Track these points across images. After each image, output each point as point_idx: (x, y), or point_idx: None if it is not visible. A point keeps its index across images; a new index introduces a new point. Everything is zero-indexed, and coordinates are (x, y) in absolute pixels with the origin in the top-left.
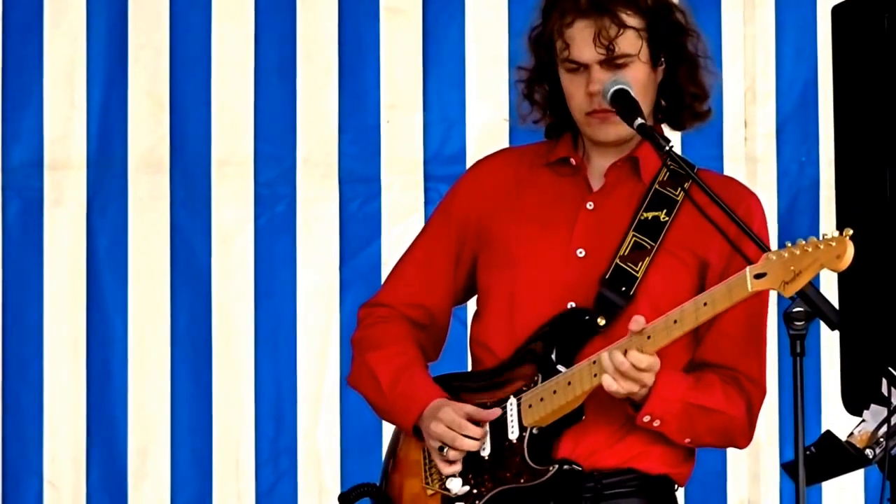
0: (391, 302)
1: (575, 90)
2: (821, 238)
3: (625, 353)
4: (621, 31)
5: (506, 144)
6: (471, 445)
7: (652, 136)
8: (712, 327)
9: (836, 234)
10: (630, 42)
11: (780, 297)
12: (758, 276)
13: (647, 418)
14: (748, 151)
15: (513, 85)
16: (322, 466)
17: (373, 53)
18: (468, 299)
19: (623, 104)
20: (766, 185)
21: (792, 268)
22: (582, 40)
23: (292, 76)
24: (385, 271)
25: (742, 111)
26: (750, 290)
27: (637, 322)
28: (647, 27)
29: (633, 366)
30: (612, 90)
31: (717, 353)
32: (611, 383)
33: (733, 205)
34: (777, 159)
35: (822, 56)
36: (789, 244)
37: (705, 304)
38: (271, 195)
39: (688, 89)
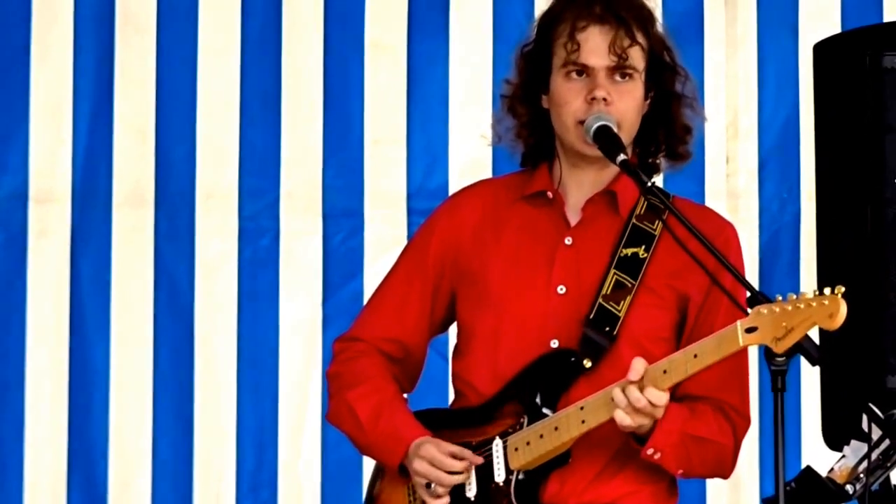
0: (366, 336)
1: (573, 96)
2: (812, 294)
3: (640, 389)
4: (633, 44)
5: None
6: (455, 481)
7: (634, 172)
8: None
9: (828, 291)
10: (637, 57)
11: None
12: (749, 330)
13: (650, 451)
14: (730, 187)
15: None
16: (303, 499)
17: (357, 88)
18: (444, 331)
19: (605, 140)
20: (748, 221)
21: (784, 324)
22: (595, 45)
23: (277, 110)
24: None
25: (724, 147)
26: (741, 344)
27: (636, 371)
28: (648, 51)
29: (651, 402)
30: (594, 126)
31: (701, 385)
32: (624, 418)
33: (711, 236)
34: (759, 195)
35: (804, 93)
36: (780, 298)
37: (695, 356)
38: (255, 228)
39: (667, 127)
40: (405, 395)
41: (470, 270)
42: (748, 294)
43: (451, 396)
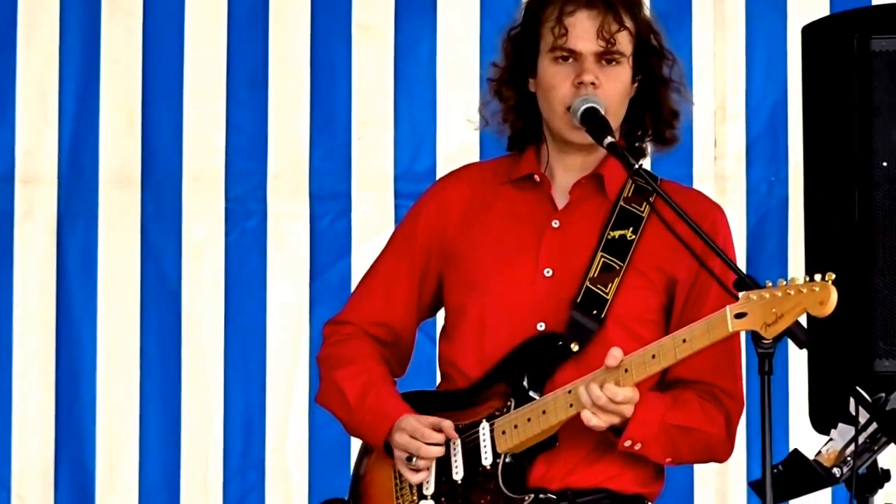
0: (355, 320)
1: (560, 81)
2: (802, 280)
3: (601, 386)
4: (621, 29)
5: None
6: (435, 452)
7: (622, 154)
8: None
9: (818, 277)
10: (625, 42)
11: None
12: (738, 316)
13: (627, 443)
14: (718, 170)
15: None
16: (290, 480)
17: (344, 70)
18: (433, 315)
19: (592, 123)
20: (735, 204)
21: (774, 310)
22: (583, 30)
23: (264, 92)
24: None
25: (712, 130)
26: (730, 329)
27: (614, 357)
28: (636, 35)
29: (611, 399)
30: (581, 108)
31: (692, 369)
32: (590, 417)
33: (699, 219)
34: (746, 178)
35: (792, 76)
36: (770, 284)
37: (684, 340)
38: (242, 210)
39: (653, 113)
40: (395, 379)
41: (457, 254)
42: (736, 277)
43: (438, 379)
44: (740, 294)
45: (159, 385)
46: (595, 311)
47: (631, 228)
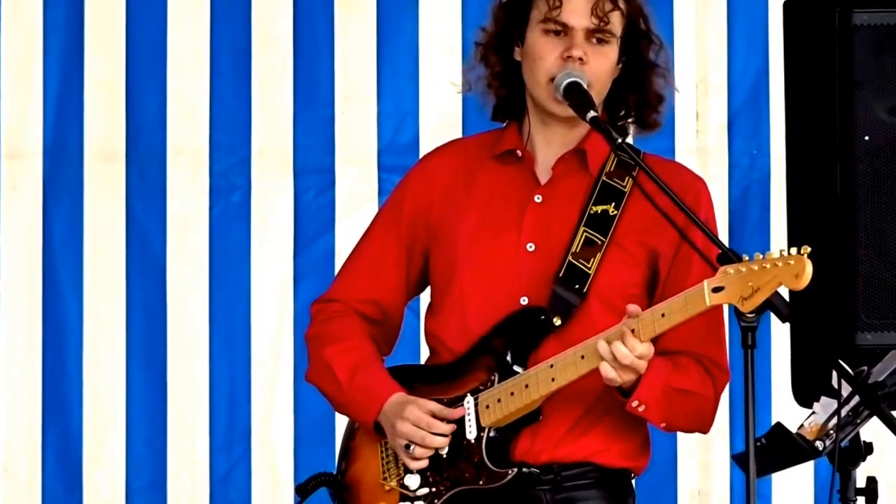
0: (343, 298)
1: (548, 52)
2: (778, 253)
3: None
4: (615, 9)
5: (459, 135)
6: (440, 443)
7: (605, 128)
8: None
9: (794, 251)
10: (616, 22)
11: None
12: (715, 290)
13: (635, 404)
14: (700, 144)
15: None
16: (276, 455)
17: (327, 45)
18: (420, 292)
19: (575, 97)
20: (718, 178)
21: (750, 284)
22: (578, 5)
23: (247, 67)
24: (339, 261)
25: (694, 103)
26: (708, 304)
27: (635, 308)
28: (627, 17)
29: (639, 356)
30: (565, 82)
31: (678, 340)
32: (609, 371)
33: (681, 192)
34: (728, 152)
35: (774, 50)
36: (746, 258)
37: (663, 315)
38: (226, 185)
39: (635, 95)
40: (383, 358)
41: (441, 229)
42: (719, 251)
43: (424, 354)
44: (721, 266)
45: (145, 359)
46: (577, 286)
47: (613, 203)
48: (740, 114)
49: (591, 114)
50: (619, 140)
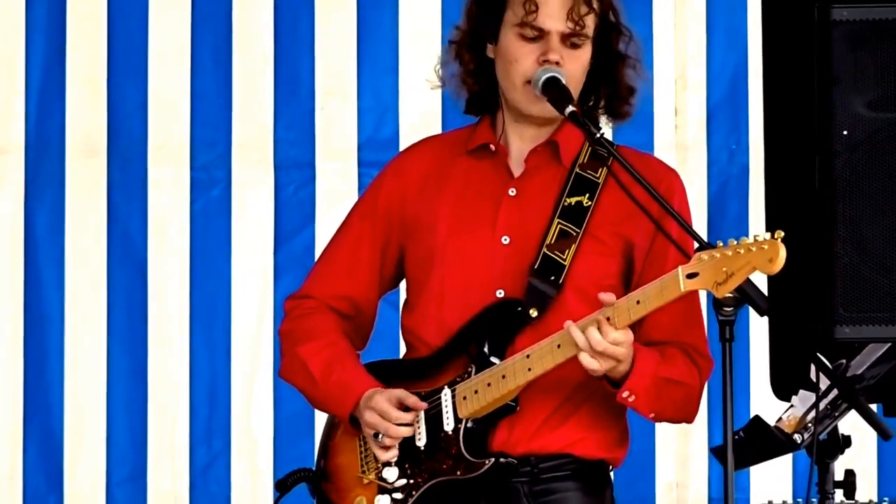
0: (317, 294)
1: (524, 56)
2: (752, 239)
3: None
4: (589, 11)
5: (439, 130)
6: (404, 432)
7: (583, 122)
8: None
9: (768, 236)
10: (591, 24)
11: None
12: (690, 276)
13: (625, 394)
14: (679, 139)
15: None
16: (255, 448)
17: (307, 40)
18: (394, 287)
19: (554, 92)
20: (697, 173)
21: (724, 269)
22: (554, 10)
23: (228, 62)
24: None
25: (673, 99)
26: (682, 290)
27: (609, 296)
28: (600, 14)
29: (604, 339)
30: (543, 78)
31: (661, 330)
32: (590, 361)
33: (655, 183)
34: (707, 147)
35: (753, 45)
36: (721, 244)
37: (638, 301)
38: (207, 179)
39: (607, 87)
40: (357, 353)
41: (416, 225)
42: (695, 242)
43: (402, 348)
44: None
45: (126, 353)
46: (553, 277)
47: (587, 195)
48: (719, 109)
49: (570, 109)
50: (599, 134)
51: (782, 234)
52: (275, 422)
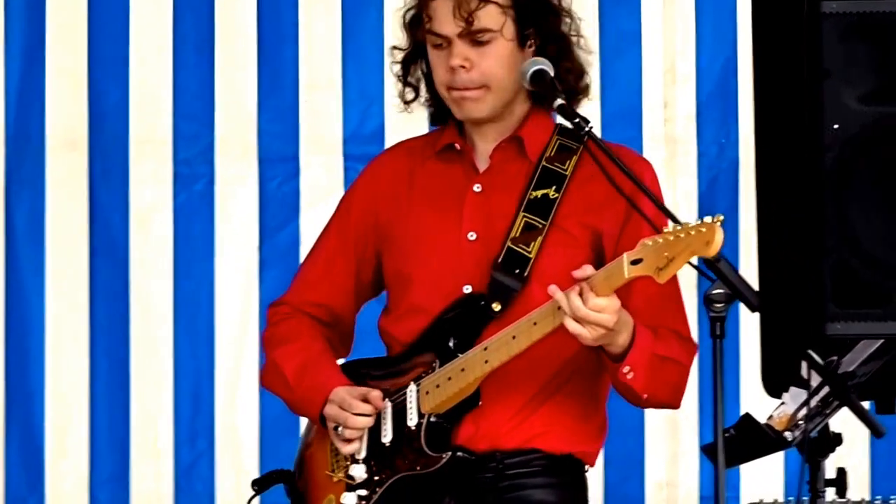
0: (293, 301)
1: (438, 65)
2: (694, 223)
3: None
4: (482, 4)
5: (424, 123)
6: (362, 422)
7: (573, 114)
8: (633, 294)
9: (708, 219)
10: (492, 17)
11: (700, 278)
12: (634, 262)
13: (626, 369)
14: (668, 133)
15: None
16: (240, 447)
17: (291, 32)
18: (376, 295)
19: (542, 85)
20: (686, 167)
21: (665, 254)
22: (443, 14)
23: (211, 55)
24: (304, 250)
25: (662, 93)
26: (626, 276)
27: (584, 272)
28: (512, 5)
29: (590, 307)
30: (531, 70)
31: (643, 317)
32: (575, 327)
33: (626, 165)
34: (697, 141)
35: (742, 38)
36: (665, 230)
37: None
38: (190, 174)
39: (563, 65)
40: (336, 358)
41: (389, 231)
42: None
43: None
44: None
45: (108, 350)
46: (517, 271)
47: (554, 187)
48: (709, 103)
49: (559, 101)
50: (588, 127)
51: (722, 217)
52: (259, 420)
